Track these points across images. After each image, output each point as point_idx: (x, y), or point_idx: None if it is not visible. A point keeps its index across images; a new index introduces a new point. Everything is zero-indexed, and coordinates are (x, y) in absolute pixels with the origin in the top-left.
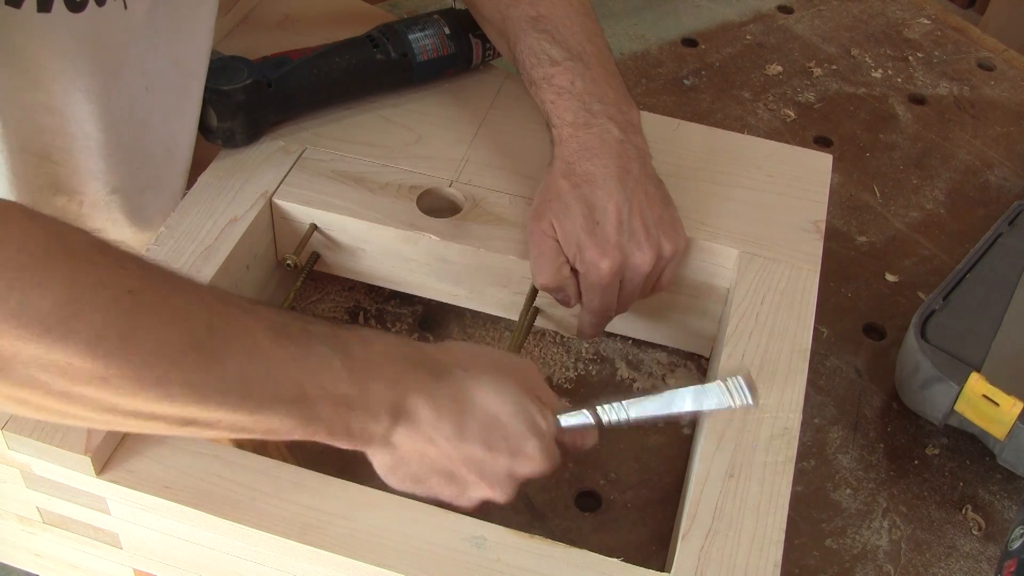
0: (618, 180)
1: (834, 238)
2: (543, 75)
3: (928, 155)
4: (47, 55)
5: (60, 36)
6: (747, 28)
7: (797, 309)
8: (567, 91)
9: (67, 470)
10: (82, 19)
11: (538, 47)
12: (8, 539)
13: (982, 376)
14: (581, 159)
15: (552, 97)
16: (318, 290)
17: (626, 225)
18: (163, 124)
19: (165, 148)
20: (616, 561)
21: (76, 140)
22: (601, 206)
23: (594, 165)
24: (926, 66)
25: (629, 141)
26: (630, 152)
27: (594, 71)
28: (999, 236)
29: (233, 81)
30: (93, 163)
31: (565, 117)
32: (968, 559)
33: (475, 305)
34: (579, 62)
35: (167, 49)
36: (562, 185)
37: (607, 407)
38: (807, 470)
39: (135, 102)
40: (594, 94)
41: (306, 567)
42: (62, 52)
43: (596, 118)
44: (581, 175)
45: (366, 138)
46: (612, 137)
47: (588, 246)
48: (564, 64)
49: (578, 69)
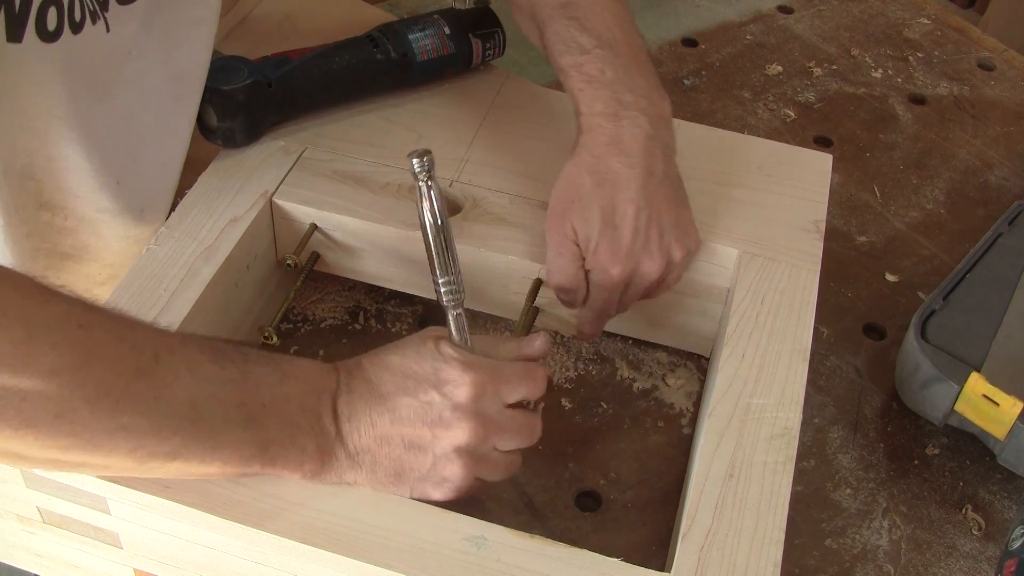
0: (641, 183)
1: (834, 238)
2: (572, 63)
3: (928, 155)
4: (22, 83)
5: (33, 65)
6: (747, 28)
7: (797, 309)
8: (597, 80)
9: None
10: (57, 48)
11: (567, 34)
12: (8, 539)
13: (982, 376)
14: (607, 154)
15: (581, 85)
16: (318, 290)
17: (642, 232)
18: (158, 141)
19: (160, 165)
20: (616, 561)
21: (57, 161)
22: (621, 210)
23: (620, 163)
24: (926, 66)
25: (657, 137)
26: (656, 150)
27: (625, 59)
28: (999, 236)
29: (233, 81)
30: (76, 184)
31: (595, 106)
32: (968, 559)
33: (475, 305)
34: (609, 50)
35: (163, 67)
36: (585, 183)
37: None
38: (807, 470)
39: (130, 121)
40: (625, 83)
41: (306, 567)
42: (37, 81)
43: (627, 110)
44: (605, 172)
45: (366, 138)
46: (641, 132)
47: (602, 250)
48: (594, 52)
49: (608, 57)
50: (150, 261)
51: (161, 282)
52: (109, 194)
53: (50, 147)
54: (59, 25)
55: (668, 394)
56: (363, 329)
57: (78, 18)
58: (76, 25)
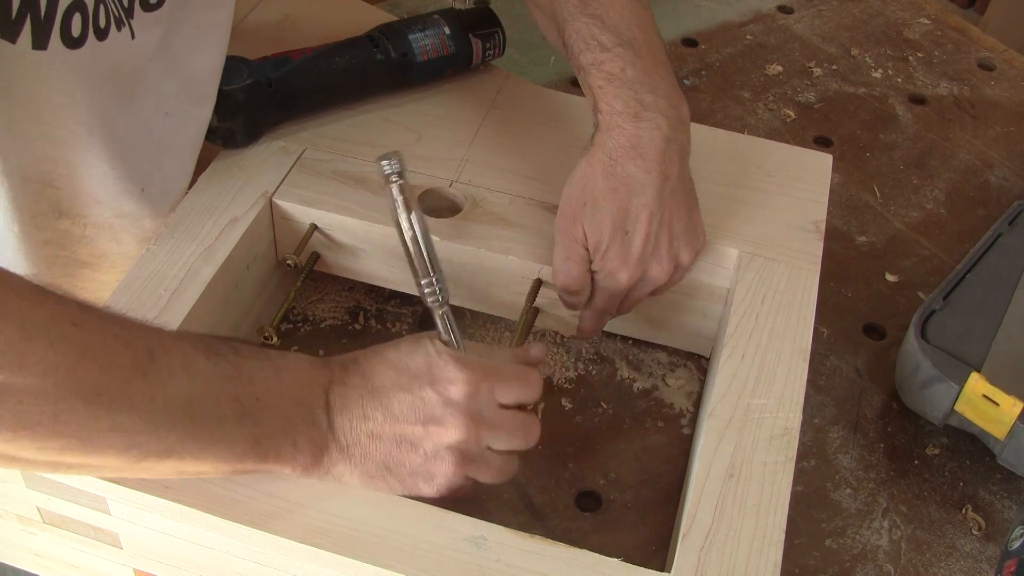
0: (657, 189)
1: (834, 238)
2: (592, 60)
3: (928, 155)
4: (45, 91)
5: (58, 72)
6: (747, 28)
7: (797, 309)
8: (617, 78)
9: None
10: (82, 55)
11: (587, 32)
12: (8, 539)
13: (982, 376)
14: (624, 157)
15: (601, 83)
16: (318, 290)
17: (652, 238)
18: (177, 146)
19: (180, 169)
20: (616, 561)
21: (79, 168)
22: (634, 215)
23: (636, 167)
24: (926, 66)
25: (675, 140)
26: (673, 154)
27: (645, 60)
28: (999, 236)
29: (233, 81)
30: (98, 191)
31: (615, 105)
32: (968, 559)
33: (475, 305)
34: (630, 49)
35: (182, 72)
36: (600, 186)
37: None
38: (807, 470)
39: (152, 127)
40: (645, 84)
41: (306, 567)
42: (61, 89)
43: (647, 110)
44: (621, 177)
45: (366, 138)
46: (660, 135)
47: (612, 255)
48: (614, 51)
49: (628, 56)
50: (150, 261)
51: (161, 282)
52: (132, 200)
53: (73, 154)
54: (83, 32)
55: (668, 394)
56: (363, 329)
57: (103, 25)
58: (101, 32)
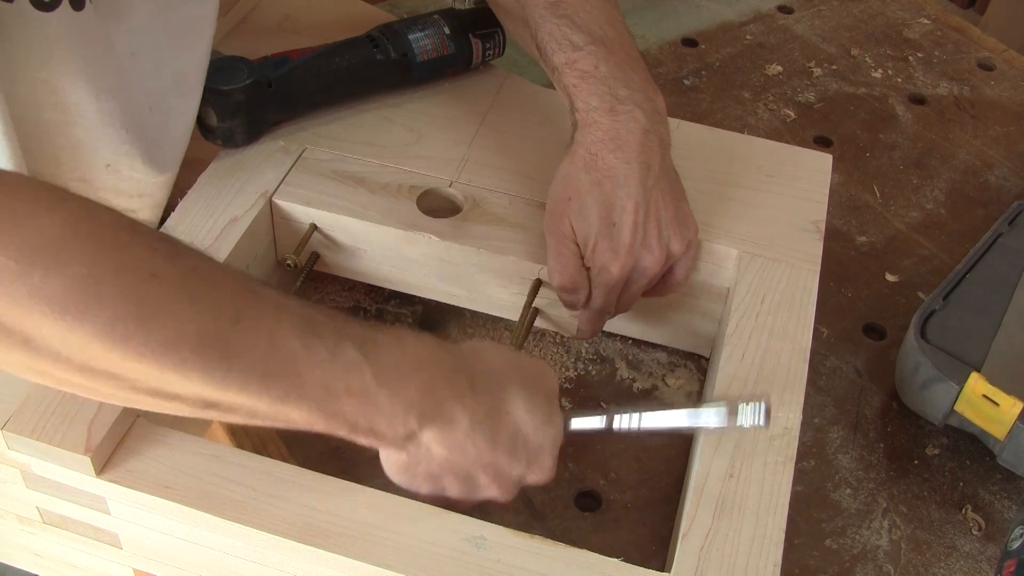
0: (639, 179)
1: (834, 238)
2: (565, 60)
3: (928, 155)
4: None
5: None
6: (747, 28)
7: (797, 309)
8: (591, 75)
9: (67, 470)
10: (83, 17)
11: (559, 32)
12: (8, 539)
13: (982, 376)
14: (604, 150)
15: (575, 81)
16: (318, 290)
17: (640, 228)
18: (164, 139)
19: (168, 164)
20: (616, 561)
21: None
22: (620, 206)
23: (617, 159)
24: (926, 66)
25: (654, 131)
26: (653, 144)
27: (618, 55)
28: (999, 236)
29: (233, 81)
30: (95, 135)
31: (590, 101)
32: (968, 559)
33: (475, 305)
34: (602, 46)
35: (166, 67)
36: (583, 180)
37: (623, 416)
38: (807, 470)
39: (142, 123)
40: (619, 79)
41: (306, 567)
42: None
43: (623, 104)
44: (603, 170)
45: (366, 138)
46: (638, 127)
47: (602, 249)
48: (587, 48)
49: (601, 53)
50: None
51: None
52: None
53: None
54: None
55: (668, 394)
56: None
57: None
58: (78, 2)
